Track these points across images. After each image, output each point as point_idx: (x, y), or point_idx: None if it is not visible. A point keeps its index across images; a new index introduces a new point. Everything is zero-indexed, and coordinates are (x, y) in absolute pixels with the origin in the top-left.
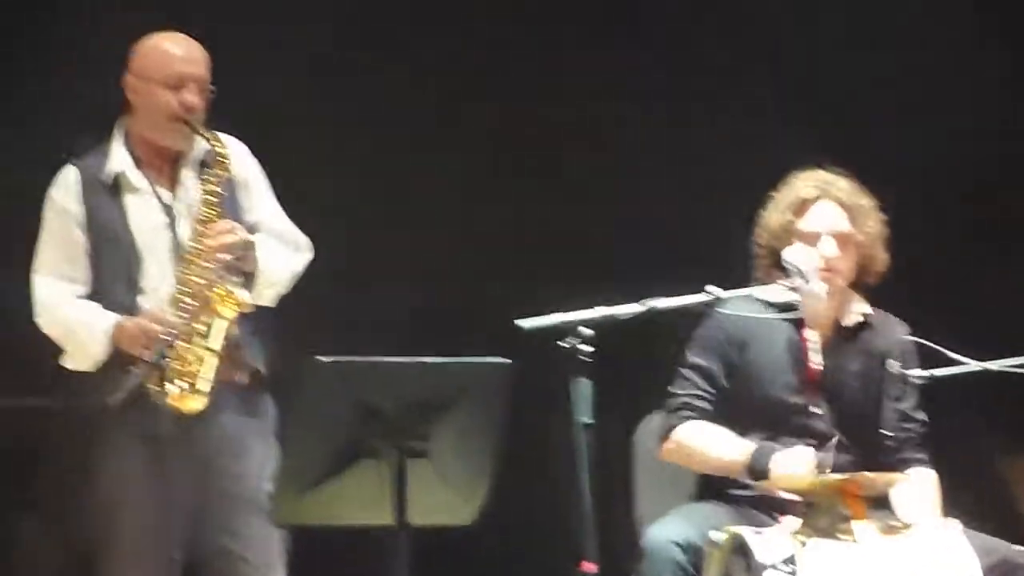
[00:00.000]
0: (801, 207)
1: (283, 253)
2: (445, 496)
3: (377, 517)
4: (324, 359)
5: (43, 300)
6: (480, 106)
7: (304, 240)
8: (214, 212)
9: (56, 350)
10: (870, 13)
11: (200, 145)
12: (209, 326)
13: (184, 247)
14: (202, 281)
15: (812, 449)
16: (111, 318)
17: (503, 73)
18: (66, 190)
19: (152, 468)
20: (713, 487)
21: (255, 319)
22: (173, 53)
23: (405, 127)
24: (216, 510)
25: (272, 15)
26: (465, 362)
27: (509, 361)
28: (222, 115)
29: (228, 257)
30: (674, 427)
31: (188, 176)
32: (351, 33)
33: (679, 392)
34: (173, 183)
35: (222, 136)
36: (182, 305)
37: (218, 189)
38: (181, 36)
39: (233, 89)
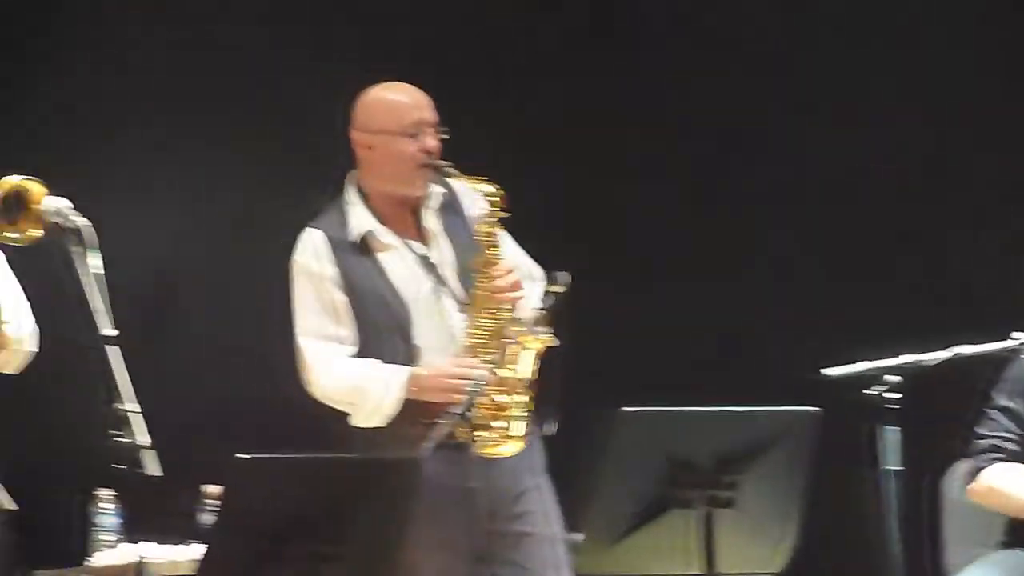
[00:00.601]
0: None
1: (532, 288)
2: (753, 545)
3: (685, 567)
4: (631, 409)
5: (318, 363)
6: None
7: (539, 271)
8: (496, 253)
9: (328, 412)
10: None
11: (435, 190)
12: (514, 368)
13: (456, 294)
14: (497, 323)
15: None
16: (404, 370)
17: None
18: (315, 253)
19: (454, 519)
20: (1022, 534)
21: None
22: (403, 101)
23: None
24: (499, 551)
25: None
26: (774, 411)
27: (819, 410)
28: None
29: (520, 296)
30: (982, 469)
31: (432, 222)
32: None
33: (986, 434)
34: (420, 233)
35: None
36: (480, 351)
37: (494, 230)
38: (402, 84)
39: None
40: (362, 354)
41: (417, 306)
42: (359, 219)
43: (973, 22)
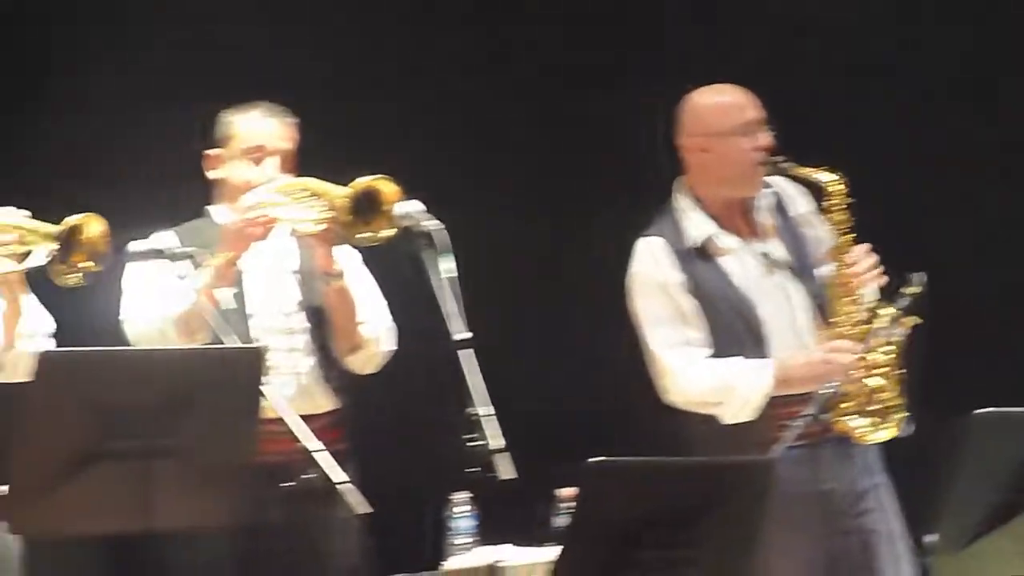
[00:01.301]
0: None
1: None
2: None
3: None
4: (986, 412)
5: (677, 369)
6: None
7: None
8: (849, 240)
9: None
10: None
11: (763, 191)
12: (881, 353)
13: (803, 288)
14: (860, 309)
15: None
16: (770, 362)
17: None
18: (656, 261)
19: (808, 522)
20: None
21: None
22: (734, 102)
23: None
24: (844, 550)
25: None
26: None
27: None
28: None
29: (880, 279)
30: None
31: (766, 219)
32: None
33: None
34: (755, 231)
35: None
36: (845, 336)
37: (844, 217)
38: (726, 85)
39: None
40: (715, 356)
41: (764, 306)
42: (696, 224)
43: None
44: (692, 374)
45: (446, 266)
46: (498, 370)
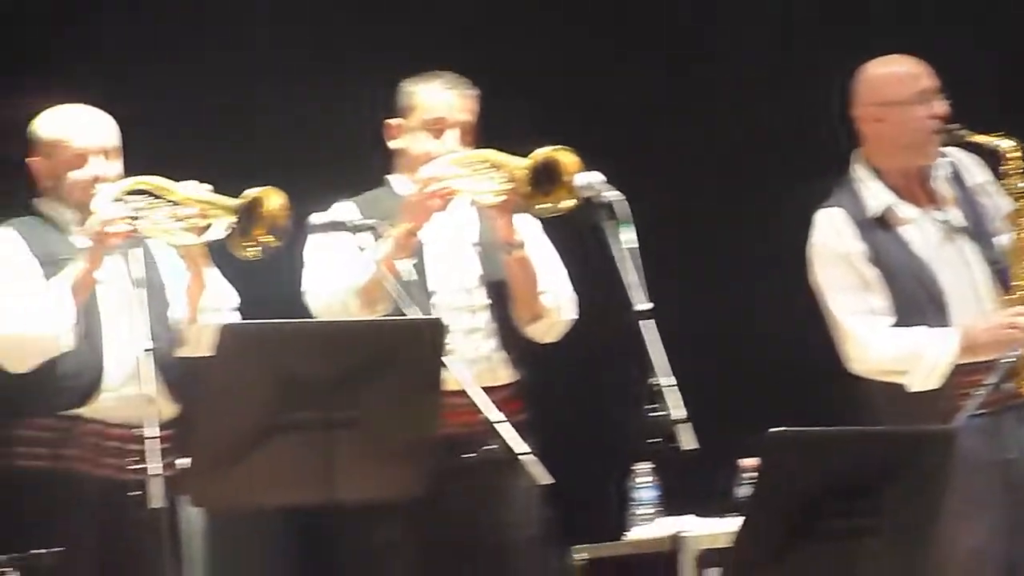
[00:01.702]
0: None
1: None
2: None
3: None
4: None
5: (862, 338)
6: None
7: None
8: None
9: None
10: None
11: (939, 161)
12: None
13: (982, 255)
14: None
15: None
16: (955, 329)
17: None
18: (837, 232)
19: (992, 492)
20: None
21: None
22: (909, 71)
23: None
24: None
25: None
26: None
27: None
28: None
29: None
30: None
31: (943, 188)
32: None
33: None
34: (933, 200)
35: None
36: None
37: (1022, 183)
38: (900, 55)
39: None
40: (897, 325)
41: (944, 274)
42: (875, 194)
43: None
44: (877, 342)
45: (626, 237)
46: (681, 339)
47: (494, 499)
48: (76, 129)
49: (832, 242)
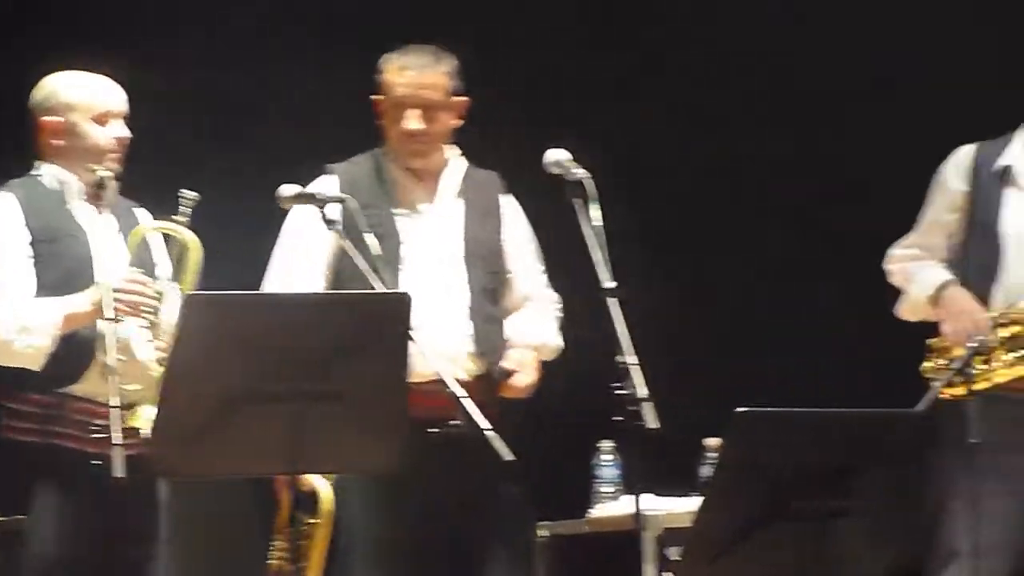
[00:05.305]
0: None
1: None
2: None
3: None
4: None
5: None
6: None
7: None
8: None
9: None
10: None
11: None
12: None
13: None
14: None
15: None
16: (947, 276)
17: None
18: (956, 168)
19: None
20: None
21: None
22: None
23: None
24: None
25: None
26: None
27: None
28: None
29: None
30: None
31: None
32: None
33: None
34: None
35: None
36: None
37: None
38: None
39: None
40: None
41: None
42: (1009, 153)
43: None
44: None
45: (594, 215)
46: (643, 317)
47: (459, 475)
48: (99, 91)
49: (951, 177)
